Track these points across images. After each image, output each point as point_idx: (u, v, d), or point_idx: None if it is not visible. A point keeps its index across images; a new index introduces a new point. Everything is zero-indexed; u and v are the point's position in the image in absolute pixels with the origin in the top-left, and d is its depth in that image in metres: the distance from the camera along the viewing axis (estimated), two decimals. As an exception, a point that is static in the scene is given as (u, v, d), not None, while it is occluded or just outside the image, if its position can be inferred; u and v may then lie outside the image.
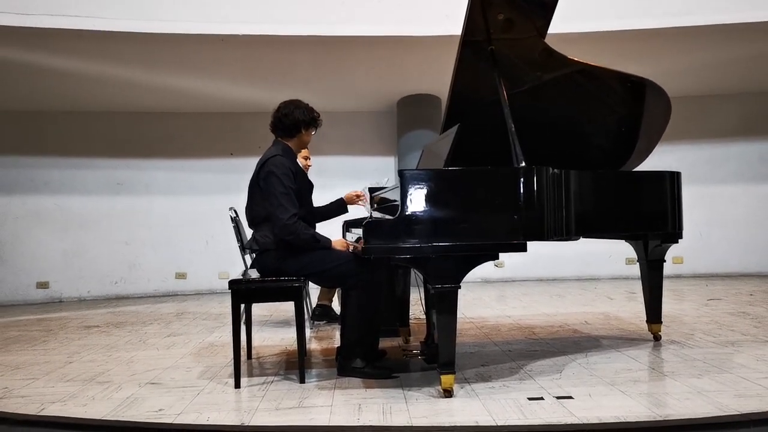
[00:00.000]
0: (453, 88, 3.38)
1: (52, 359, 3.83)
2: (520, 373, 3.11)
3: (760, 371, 2.98)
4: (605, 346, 3.68)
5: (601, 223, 3.30)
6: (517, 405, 2.57)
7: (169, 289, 7.55)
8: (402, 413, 2.51)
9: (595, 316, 4.80)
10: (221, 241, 7.23)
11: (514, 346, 3.79)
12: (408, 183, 2.70)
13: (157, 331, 4.78)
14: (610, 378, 2.95)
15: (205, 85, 6.58)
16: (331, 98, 7.05)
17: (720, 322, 4.38)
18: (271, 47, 5.56)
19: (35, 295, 7.27)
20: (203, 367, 3.47)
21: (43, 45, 5.34)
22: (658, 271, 3.71)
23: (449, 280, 2.69)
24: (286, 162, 3.13)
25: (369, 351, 3.15)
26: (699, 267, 7.69)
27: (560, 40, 3.93)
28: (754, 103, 7.73)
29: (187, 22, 5.22)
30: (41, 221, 7.35)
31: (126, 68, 5.97)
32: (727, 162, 7.78)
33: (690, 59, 6.28)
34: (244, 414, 2.58)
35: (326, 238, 3.15)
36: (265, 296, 3.09)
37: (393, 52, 5.80)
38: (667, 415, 2.38)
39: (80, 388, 3.07)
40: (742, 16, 5.32)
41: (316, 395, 2.82)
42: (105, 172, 7.50)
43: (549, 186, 2.86)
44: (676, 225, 3.51)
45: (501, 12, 3.17)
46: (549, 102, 3.56)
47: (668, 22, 5.38)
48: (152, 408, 2.69)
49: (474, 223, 2.71)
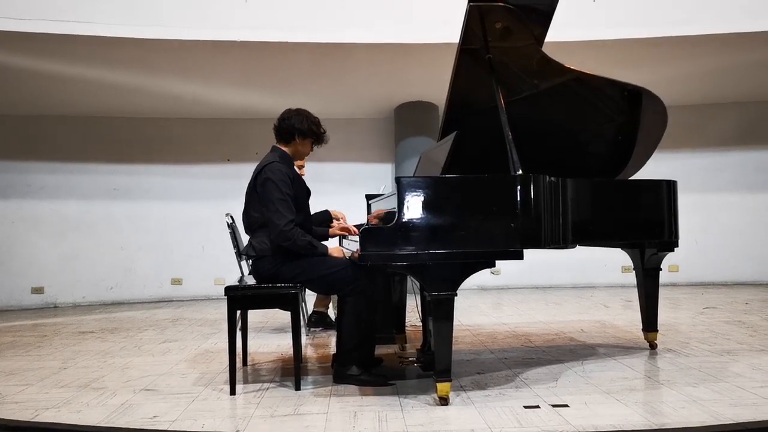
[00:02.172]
0: (450, 95, 3.39)
1: (47, 365, 3.81)
2: (516, 380, 3.10)
3: (756, 380, 2.98)
4: (601, 354, 3.68)
5: (598, 231, 3.31)
6: (513, 413, 2.56)
7: (164, 295, 7.53)
8: (398, 421, 2.50)
9: (591, 324, 4.80)
10: (217, 247, 7.20)
11: (510, 353, 3.78)
12: (405, 190, 2.70)
13: (153, 337, 4.77)
14: (605, 386, 2.95)
15: (202, 90, 6.59)
16: (328, 104, 7.06)
17: (716, 330, 4.38)
18: (269, 53, 5.56)
19: (30, 300, 7.24)
20: (198, 374, 3.46)
21: (40, 50, 5.33)
22: (654, 280, 3.72)
23: (446, 287, 2.69)
24: (284, 168, 3.13)
25: (365, 358, 3.15)
26: (695, 275, 7.70)
27: (558, 48, 3.94)
28: (750, 112, 7.76)
29: (185, 28, 5.22)
30: (37, 226, 7.33)
31: (123, 73, 5.98)
32: (723, 171, 7.79)
33: (687, 68, 6.31)
34: (239, 421, 2.57)
35: (323, 245, 3.15)
36: (261, 303, 3.08)
37: (391, 59, 5.82)
38: (662, 424, 2.38)
39: (74, 395, 3.06)
40: (740, 25, 5.36)
41: (312, 402, 2.81)
42: (101, 177, 7.49)
43: (546, 194, 2.86)
44: (673, 233, 3.52)
45: (499, 20, 3.17)
46: (546, 110, 3.57)
47: (666, 31, 5.41)
48: (147, 414, 2.68)
49: (471, 230, 2.71)
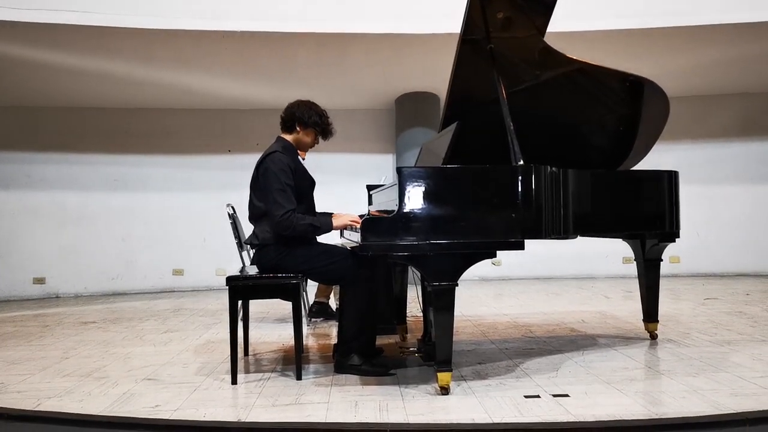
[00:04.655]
0: (452, 86, 3.37)
1: (49, 355, 3.82)
2: (516, 371, 3.11)
3: (756, 370, 2.99)
4: (602, 345, 3.69)
5: (599, 221, 3.31)
6: (513, 403, 2.57)
7: (166, 285, 7.54)
8: (399, 410, 2.51)
9: (592, 315, 4.81)
10: (218, 238, 7.21)
11: (510, 344, 3.79)
12: (406, 181, 2.70)
13: (154, 328, 4.78)
14: (606, 376, 2.96)
15: (203, 81, 6.57)
16: (329, 95, 7.03)
17: (716, 321, 4.38)
18: (270, 44, 5.55)
19: (32, 290, 7.26)
20: (200, 364, 3.47)
21: (39, 40, 5.32)
22: (655, 271, 3.72)
23: (447, 277, 2.70)
24: (285, 158, 3.13)
25: (366, 348, 3.15)
26: (696, 266, 7.70)
27: (559, 38, 3.92)
28: (753, 104, 7.73)
29: (186, 18, 5.20)
30: (38, 217, 7.33)
31: (124, 64, 5.96)
32: (725, 162, 7.77)
33: (689, 59, 6.29)
34: (240, 410, 2.58)
35: (326, 221, 3.10)
36: (263, 293, 3.09)
37: (392, 50, 5.80)
38: (663, 414, 2.39)
39: (77, 384, 3.07)
40: (742, 16, 5.33)
41: (313, 392, 2.82)
42: (102, 168, 7.48)
43: (547, 184, 2.86)
44: (674, 224, 3.52)
45: (500, 10, 3.16)
46: (548, 100, 3.55)
47: (668, 22, 5.38)
48: (149, 404, 2.69)
49: (472, 221, 2.72)
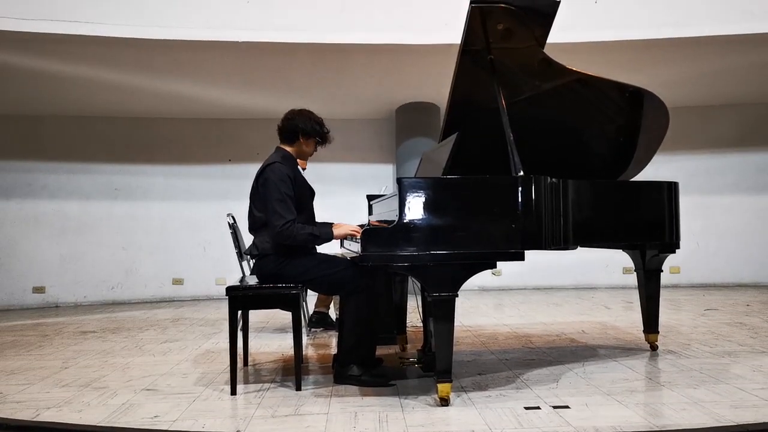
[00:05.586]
0: (452, 96, 3.39)
1: (48, 364, 3.81)
2: (516, 382, 3.10)
3: (757, 382, 2.98)
4: (602, 356, 3.68)
5: (599, 232, 3.31)
6: (513, 414, 2.56)
7: (165, 295, 7.53)
8: (398, 421, 2.50)
9: (592, 326, 4.80)
10: (219, 248, 7.23)
11: (510, 354, 3.78)
12: (407, 191, 2.70)
13: (154, 337, 4.77)
14: (606, 388, 2.95)
15: (203, 91, 6.59)
16: (329, 105, 7.06)
17: (717, 332, 4.38)
18: (271, 54, 5.57)
19: (31, 299, 7.25)
20: (199, 374, 3.46)
21: (41, 50, 5.34)
22: (656, 281, 3.72)
23: (447, 288, 2.70)
24: (284, 168, 3.13)
25: (366, 358, 3.14)
26: (696, 277, 7.70)
27: (559, 49, 3.94)
28: (751, 114, 7.76)
29: (186, 29, 5.22)
30: (38, 226, 7.34)
31: (125, 74, 5.98)
32: (724, 172, 7.80)
33: (688, 70, 6.31)
34: (239, 421, 2.57)
35: (326, 231, 3.10)
36: (263, 303, 3.08)
37: (392, 60, 5.82)
38: (663, 426, 2.38)
39: (75, 394, 3.06)
40: (740, 27, 5.35)
41: (313, 403, 2.81)
42: (103, 177, 7.50)
43: (547, 195, 2.86)
44: (674, 235, 3.52)
45: (500, 21, 3.18)
46: (547, 111, 3.57)
47: (667, 33, 5.41)
48: (148, 414, 2.68)
49: (472, 231, 2.72)
